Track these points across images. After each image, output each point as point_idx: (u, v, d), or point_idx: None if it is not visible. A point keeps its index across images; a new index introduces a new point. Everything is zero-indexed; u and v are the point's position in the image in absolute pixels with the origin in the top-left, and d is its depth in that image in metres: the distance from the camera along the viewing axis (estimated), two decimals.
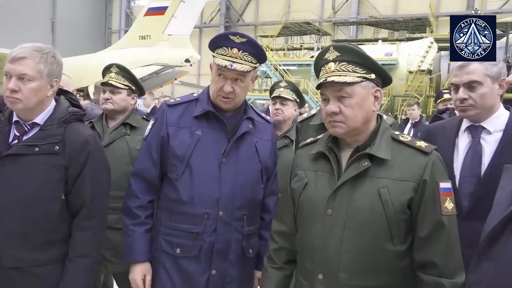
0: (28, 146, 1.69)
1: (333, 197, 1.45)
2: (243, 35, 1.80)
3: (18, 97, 1.66)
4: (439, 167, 1.43)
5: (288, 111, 3.11)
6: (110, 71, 2.64)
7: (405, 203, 1.39)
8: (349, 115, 1.43)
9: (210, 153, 1.86)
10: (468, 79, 1.85)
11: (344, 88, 1.43)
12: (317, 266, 1.46)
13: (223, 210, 1.85)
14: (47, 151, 1.70)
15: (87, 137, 1.81)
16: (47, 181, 1.71)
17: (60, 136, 1.74)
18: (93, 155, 1.80)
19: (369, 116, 1.47)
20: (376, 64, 1.46)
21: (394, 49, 20.45)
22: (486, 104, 1.86)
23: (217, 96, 1.86)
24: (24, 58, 1.67)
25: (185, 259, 1.85)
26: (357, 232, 1.40)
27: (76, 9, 32.78)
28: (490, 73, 1.83)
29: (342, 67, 1.43)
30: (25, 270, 1.69)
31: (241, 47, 1.79)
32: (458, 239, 1.42)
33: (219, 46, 1.82)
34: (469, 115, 1.90)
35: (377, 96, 1.48)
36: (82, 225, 1.79)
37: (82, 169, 1.77)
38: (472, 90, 1.86)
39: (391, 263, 1.40)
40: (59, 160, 1.72)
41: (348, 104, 1.43)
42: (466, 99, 1.87)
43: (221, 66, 1.78)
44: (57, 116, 1.77)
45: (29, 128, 1.74)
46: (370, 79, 1.44)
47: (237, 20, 31.62)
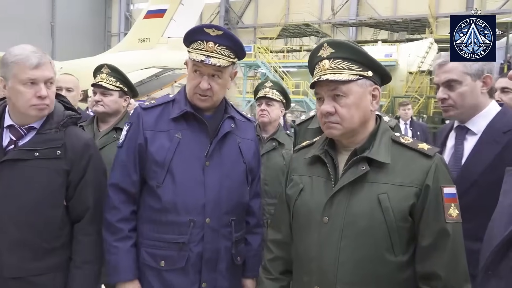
0: (28, 150, 1.65)
1: (330, 204, 1.36)
2: (219, 27, 1.70)
3: (47, 102, 1.65)
4: (442, 171, 1.34)
5: (274, 112, 3.00)
6: (101, 71, 2.56)
7: (407, 210, 1.30)
8: (345, 116, 1.35)
9: (192, 157, 1.74)
10: (446, 78, 1.78)
11: (339, 86, 1.34)
12: (313, 278, 1.37)
13: (209, 216, 1.73)
14: (48, 155, 1.66)
15: (87, 140, 1.80)
16: (50, 186, 1.67)
17: (62, 140, 1.70)
18: (94, 159, 1.79)
19: (367, 116, 1.39)
20: (374, 61, 1.37)
21: (394, 50, 20.38)
22: (467, 103, 1.77)
23: (193, 94, 1.74)
24: (47, 63, 1.65)
25: (171, 272, 1.72)
26: (355, 241, 1.32)
27: (76, 12, 32.81)
28: (469, 71, 1.74)
29: (337, 64, 1.35)
30: (26, 280, 1.65)
31: (217, 40, 1.69)
32: (463, 249, 1.33)
33: (194, 40, 1.71)
34: (451, 115, 1.83)
35: (375, 95, 1.39)
36: (86, 230, 1.77)
37: (84, 173, 1.75)
38: (451, 89, 1.78)
39: (392, 274, 1.31)
40: (61, 164, 1.69)
41: (344, 103, 1.35)
42: (446, 99, 1.79)
43: (197, 61, 1.67)
44: (55, 120, 1.72)
45: (25, 132, 1.69)
46: (367, 76, 1.36)
47: (236, 23, 31.60)
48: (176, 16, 18.38)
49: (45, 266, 1.68)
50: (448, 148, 1.87)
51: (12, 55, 1.62)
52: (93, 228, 1.78)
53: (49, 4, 31.52)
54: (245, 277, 1.95)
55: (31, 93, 1.61)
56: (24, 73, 1.60)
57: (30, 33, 28.25)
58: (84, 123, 2.57)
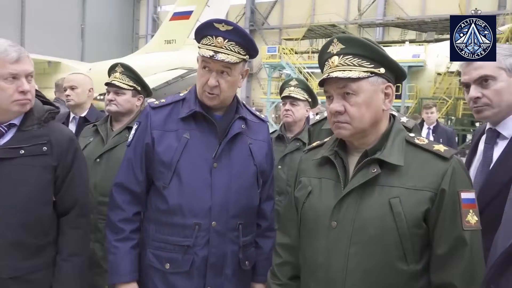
0: (13, 149, 1.60)
1: (338, 207, 1.29)
2: (229, 22, 1.64)
3: (29, 97, 1.61)
4: (460, 174, 1.24)
5: (299, 112, 2.93)
6: (115, 70, 2.55)
7: (420, 216, 1.21)
8: (355, 115, 1.27)
9: (199, 158, 1.69)
10: (478, 75, 1.61)
11: (349, 84, 1.27)
12: (320, 286, 1.30)
13: (216, 220, 1.68)
14: (34, 152, 1.63)
15: (70, 135, 1.79)
16: (39, 184, 1.64)
17: (47, 136, 1.67)
18: (78, 152, 1.79)
19: (379, 116, 1.30)
20: (386, 57, 1.29)
21: (422, 50, 19.92)
22: (504, 101, 1.60)
23: (202, 92, 1.69)
24: (26, 57, 1.60)
25: (176, 275, 1.68)
26: (365, 249, 1.23)
27: (105, 15, 33.61)
28: (504, 65, 1.59)
29: (347, 60, 1.27)
30: (22, 278, 1.63)
31: (227, 35, 1.64)
32: (482, 259, 1.23)
33: (204, 35, 1.67)
34: (486, 116, 1.65)
35: (388, 93, 1.30)
36: (74, 223, 1.76)
37: (71, 168, 1.73)
38: (485, 87, 1.61)
39: (404, 284, 1.22)
40: (48, 160, 1.66)
41: (354, 102, 1.27)
42: (479, 98, 1.62)
43: (205, 56, 1.63)
44: (36, 115, 1.68)
45: (6, 129, 1.64)
46: (379, 74, 1.28)
47: (262, 24, 31.62)
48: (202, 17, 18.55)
49: (40, 263, 1.67)
50: (479, 153, 1.73)
51: None
52: (81, 220, 1.77)
53: (80, 7, 32.38)
54: (255, 282, 1.89)
55: (13, 88, 1.56)
56: (4, 67, 1.54)
57: (61, 35, 29.15)
58: (98, 122, 2.57)
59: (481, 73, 1.61)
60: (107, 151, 2.35)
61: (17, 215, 1.60)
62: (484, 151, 1.69)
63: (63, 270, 1.71)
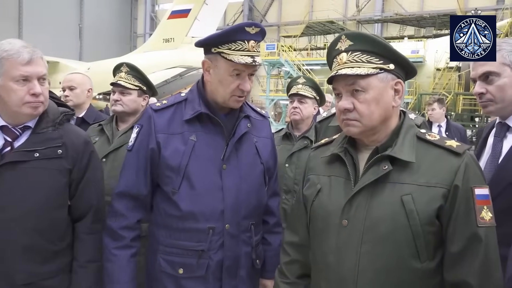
0: (27, 152, 1.58)
1: (349, 205, 1.27)
2: (257, 24, 1.60)
3: (42, 100, 1.58)
4: (474, 170, 1.22)
5: (307, 110, 2.90)
6: (120, 70, 2.54)
7: (433, 213, 1.20)
8: (364, 112, 1.26)
9: (208, 160, 1.65)
10: (482, 71, 1.65)
11: (358, 81, 1.25)
12: (331, 285, 1.29)
13: (229, 222, 1.65)
14: (49, 155, 1.61)
15: (85, 137, 1.76)
16: (54, 187, 1.62)
17: (61, 139, 1.65)
18: (94, 155, 1.76)
19: (388, 112, 1.29)
20: (395, 53, 1.27)
21: (421, 46, 19.89)
22: (508, 96, 1.63)
23: (231, 96, 1.64)
24: (39, 58, 1.57)
25: (189, 280, 1.64)
26: (377, 247, 1.22)
27: (103, 14, 33.52)
28: (508, 62, 1.61)
29: (356, 57, 1.26)
30: (37, 285, 1.61)
31: (256, 38, 1.61)
32: (497, 256, 1.21)
33: (233, 40, 1.58)
34: (490, 111, 1.69)
35: (397, 90, 1.29)
36: (90, 229, 1.73)
37: (85, 171, 1.71)
38: (489, 83, 1.65)
39: (418, 283, 1.21)
40: (63, 164, 1.64)
41: (363, 99, 1.26)
42: (484, 93, 1.66)
43: (241, 63, 1.57)
44: (51, 117, 1.66)
45: (20, 132, 1.62)
46: (389, 70, 1.26)
47: (260, 21, 31.54)
48: (200, 15, 18.52)
49: (55, 269, 1.65)
50: (488, 146, 1.75)
51: (2, 50, 1.53)
52: (97, 226, 1.74)
53: (77, 6, 32.28)
54: (264, 278, 1.89)
55: (24, 90, 1.54)
56: (16, 69, 1.52)
57: (59, 34, 29.06)
58: (103, 122, 2.57)
59: (485, 69, 1.64)
60: (113, 151, 2.35)
61: (31, 219, 1.58)
62: (493, 144, 1.71)
63: (80, 277, 1.69)
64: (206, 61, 1.67)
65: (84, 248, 1.71)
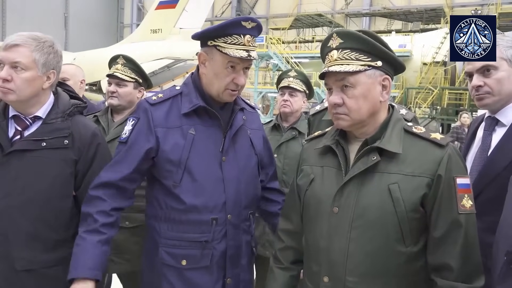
0: (35, 141, 1.61)
1: (340, 194, 1.36)
2: (253, 19, 1.64)
3: (10, 87, 1.56)
4: (456, 161, 1.31)
5: (297, 103, 2.96)
6: (116, 62, 2.55)
7: (418, 201, 1.29)
8: (352, 107, 1.34)
9: (208, 153, 1.69)
10: (481, 64, 1.71)
11: (347, 77, 1.33)
12: (322, 268, 1.37)
13: (231, 213, 1.70)
14: (55, 145, 1.63)
15: (94, 129, 1.77)
16: (59, 177, 1.64)
17: (68, 129, 1.67)
18: (101, 147, 1.76)
19: (376, 107, 1.37)
20: (383, 50, 1.34)
21: (408, 40, 20.11)
22: (504, 90, 1.70)
23: (224, 90, 1.67)
24: (18, 46, 1.57)
25: (193, 271, 1.66)
26: (365, 233, 1.31)
27: (88, 3, 32.96)
28: (505, 56, 1.68)
29: (345, 55, 1.34)
30: (38, 272, 1.63)
31: (252, 32, 1.64)
32: (477, 240, 1.30)
33: (229, 34, 1.61)
34: (487, 104, 1.75)
35: (385, 85, 1.36)
36: None
37: (92, 162, 1.72)
38: (487, 76, 1.71)
39: (403, 265, 1.30)
40: (69, 154, 1.66)
41: (352, 95, 1.34)
42: (481, 86, 1.72)
43: (236, 57, 1.60)
44: (61, 109, 1.69)
45: (30, 122, 1.66)
46: (376, 67, 1.34)
47: (248, 13, 31.40)
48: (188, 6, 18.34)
49: (57, 258, 1.66)
50: (477, 140, 1.82)
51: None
52: None
53: None
54: None
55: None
56: None
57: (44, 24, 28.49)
58: (99, 113, 2.58)
59: (484, 62, 1.70)
60: (109, 142, 2.35)
61: (35, 207, 1.60)
62: (483, 137, 1.78)
63: None
64: (202, 54, 1.69)
65: None
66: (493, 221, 1.38)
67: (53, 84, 1.70)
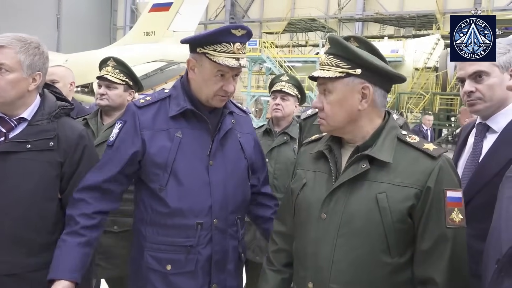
0: (19, 143, 1.58)
1: (329, 200, 1.34)
2: (243, 27, 1.62)
3: None
4: (447, 173, 1.28)
5: (289, 107, 2.94)
6: (107, 64, 2.53)
7: (405, 211, 1.26)
8: (328, 113, 1.36)
9: (195, 157, 1.66)
10: (473, 70, 1.70)
11: (326, 83, 1.35)
12: (308, 274, 1.36)
13: (217, 217, 1.67)
14: (40, 147, 1.61)
15: (81, 131, 1.74)
16: (43, 179, 1.61)
17: (54, 131, 1.64)
18: (88, 150, 1.74)
19: (353, 115, 1.34)
20: (363, 58, 1.31)
21: (400, 46, 20.25)
22: (496, 96, 1.70)
23: (214, 96, 1.66)
24: (3, 47, 1.54)
25: (178, 276, 1.64)
26: (351, 241, 1.28)
27: (82, 5, 32.89)
28: (497, 63, 1.68)
29: (329, 60, 1.35)
30: (21, 277, 1.59)
31: (241, 40, 1.62)
32: (465, 255, 1.28)
33: (218, 42, 1.59)
34: (478, 109, 1.74)
35: (365, 94, 1.33)
36: None
37: (78, 165, 1.69)
38: (479, 82, 1.71)
39: (388, 276, 1.27)
40: (54, 156, 1.63)
41: (329, 100, 1.35)
42: (473, 92, 1.72)
43: (227, 66, 1.59)
44: (47, 110, 1.66)
45: (15, 124, 1.63)
46: (355, 74, 1.32)
47: (242, 17, 31.50)
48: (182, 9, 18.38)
49: (41, 262, 1.61)
50: (468, 146, 1.81)
51: None
52: None
53: None
54: None
55: None
56: None
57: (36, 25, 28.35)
58: (88, 116, 2.56)
59: (476, 68, 1.70)
60: (98, 145, 2.33)
61: (18, 209, 1.57)
62: (474, 144, 1.77)
63: None
64: (191, 60, 1.68)
65: None
66: (483, 228, 1.37)
67: (39, 85, 1.67)
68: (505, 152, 1.62)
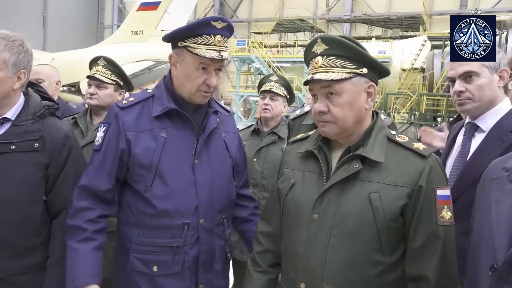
0: (3, 144, 1.54)
1: (320, 200, 1.33)
2: (224, 19, 1.61)
3: None
4: (437, 172, 1.30)
5: (278, 107, 2.96)
6: (97, 63, 2.50)
7: (398, 211, 1.27)
8: (338, 115, 1.31)
9: (180, 156, 1.65)
10: (463, 70, 1.74)
11: (333, 85, 1.30)
12: (299, 275, 1.35)
13: (203, 217, 1.66)
14: (25, 148, 1.57)
15: (66, 132, 1.71)
16: (28, 181, 1.57)
17: (39, 132, 1.60)
18: (74, 151, 1.70)
19: (362, 115, 1.34)
20: (368, 57, 1.31)
21: (388, 47, 20.44)
22: (485, 96, 1.74)
23: (196, 91, 1.64)
24: None
25: (165, 277, 1.62)
26: (344, 241, 1.28)
27: (68, 3, 32.48)
28: (487, 63, 1.72)
29: (331, 62, 1.30)
30: (5, 280, 1.55)
31: (222, 32, 1.60)
32: (454, 252, 1.30)
33: (198, 34, 1.57)
34: (467, 109, 1.78)
35: (370, 92, 1.34)
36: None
37: (64, 166, 1.66)
38: (469, 82, 1.75)
39: (380, 275, 1.28)
40: (40, 157, 1.59)
41: (337, 103, 1.31)
42: (463, 92, 1.75)
43: (207, 57, 1.56)
44: (31, 110, 1.62)
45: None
46: (362, 74, 1.31)
47: (230, 17, 31.45)
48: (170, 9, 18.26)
49: (26, 265, 1.59)
50: (457, 145, 1.85)
51: None
52: None
53: None
54: None
55: None
56: None
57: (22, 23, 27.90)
58: (78, 115, 2.53)
59: (466, 69, 1.73)
60: (87, 144, 2.31)
61: (3, 211, 1.54)
62: (462, 143, 1.80)
63: (51, 275, 1.63)
64: (173, 55, 1.66)
65: (57, 245, 1.64)
66: (470, 225, 1.40)
67: (23, 84, 1.63)
68: (493, 151, 1.65)
